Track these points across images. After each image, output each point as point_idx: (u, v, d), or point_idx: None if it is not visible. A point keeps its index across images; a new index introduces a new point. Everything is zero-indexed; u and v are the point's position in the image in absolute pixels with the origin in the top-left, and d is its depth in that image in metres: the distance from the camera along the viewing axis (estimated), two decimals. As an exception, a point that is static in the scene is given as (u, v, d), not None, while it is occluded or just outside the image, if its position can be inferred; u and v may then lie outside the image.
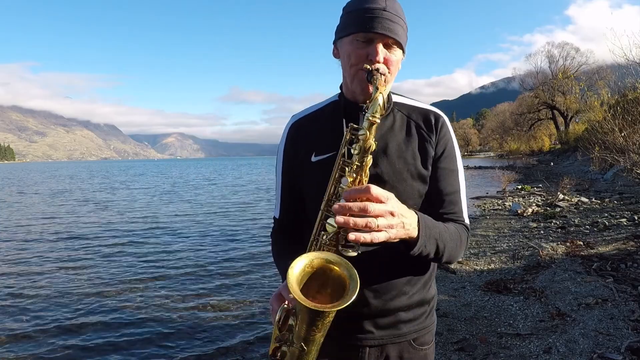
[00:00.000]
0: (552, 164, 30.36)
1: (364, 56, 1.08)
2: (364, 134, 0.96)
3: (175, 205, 16.82)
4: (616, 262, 5.17)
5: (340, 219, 0.89)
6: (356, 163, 0.96)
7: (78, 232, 10.73)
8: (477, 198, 14.34)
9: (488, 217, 10.08)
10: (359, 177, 0.97)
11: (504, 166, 30.23)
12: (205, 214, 13.95)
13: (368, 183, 0.96)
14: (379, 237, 0.90)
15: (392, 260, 1.14)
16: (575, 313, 3.84)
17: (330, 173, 1.06)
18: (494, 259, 6.12)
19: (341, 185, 0.97)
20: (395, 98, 1.22)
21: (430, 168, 1.18)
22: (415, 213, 1.01)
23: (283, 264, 1.20)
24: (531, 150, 45.39)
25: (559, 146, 40.37)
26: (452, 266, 5.78)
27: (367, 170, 0.98)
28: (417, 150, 1.17)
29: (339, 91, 1.25)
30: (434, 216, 1.15)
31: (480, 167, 33.75)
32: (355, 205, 0.89)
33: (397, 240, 0.96)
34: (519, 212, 9.88)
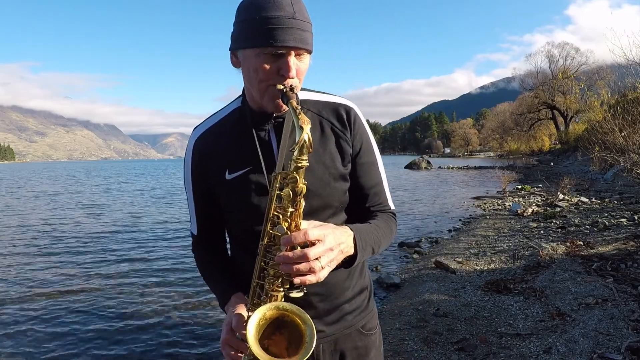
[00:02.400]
0: (552, 164, 30.38)
1: (274, 71, 1.01)
2: (294, 179, 0.93)
3: (173, 205, 16.81)
4: (616, 262, 5.16)
5: (284, 267, 0.91)
6: (289, 209, 0.94)
7: (72, 231, 10.73)
8: (477, 198, 14.35)
9: (488, 217, 10.08)
10: (293, 221, 0.95)
11: (504, 166, 30.27)
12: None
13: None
14: (323, 274, 0.93)
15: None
16: (575, 313, 3.84)
17: (247, 190, 1.09)
18: (494, 259, 6.12)
19: (276, 232, 0.95)
20: (302, 95, 1.15)
21: (349, 165, 1.17)
22: (350, 229, 1.03)
23: (214, 285, 1.23)
24: (531, 150, 45.41)
25: (559, 146, 40.39)
26: (452, 266, 5.79)
27: (301, 212, 0.95)
28: (333, 150, 1.15)
29: (241, 96, 1.19)
30: (361, 210, 1.20)
31: (480, 167, 33.76)
32: (295, 255, 0.90)
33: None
34: (519, 212, 9.88)
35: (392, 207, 1.24)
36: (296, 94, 1.00)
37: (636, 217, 7.73)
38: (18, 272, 6.92)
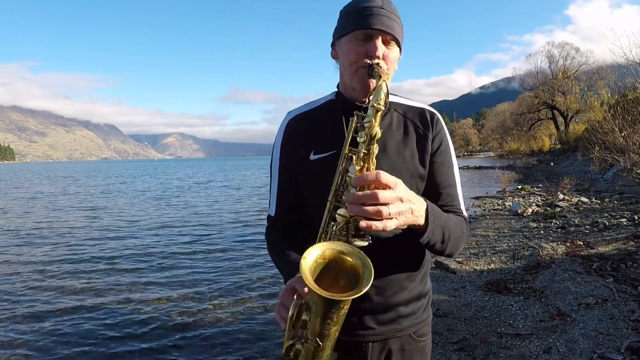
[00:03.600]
0: (552, 164, 30.36)
1: (363, 53, 1.09)
2: (369, 121, 0.95)
3: (171, 206, 16.82)
4: (616, 262, 5.16)
5: (352, 207, 0.90)
6: (363, 151, 0.96)
7: (72, 232, 10.73)
8: (477, 198, 14.34)
9: (488, 217, 10.08)
10: (366, 164, 0.96)
11: (504, 166, 30.24)
12: (201, 214, 13.96)
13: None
14: (390, 224, 0.90)
15: (392, 256, 1.16)
16: (575, 313, 3.84)
17: (329, 171, 1.06)
18: (494, 259, 6.12)
19: (349, 174, 0.95)
20: (391, 98, 1.22)
21: (427, 165, 1.20)
22: (425, 201, 1.02)
23: (283, 262, 1.20)
24: (531, 150, 45.38)
25: (559, 146, 40.37)
26: (452, 266, 5.78)
27: (374, 158, 0.97)
28: (415, 148, 1.19)
29: (336, 90, 1.26)
30: None
31: (480, 167, 33.75)
32: (365, 194, 0.89)
33: (407, 226, 0.98)
34: (519, 212, 9.88)
35: (465, 213, 1.25)
36: (383, 70, 1.04)
37: (636, 217, 7.73)
38: (13, 274, 6.92)
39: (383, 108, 0.96)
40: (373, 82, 1.07)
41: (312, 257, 0.90)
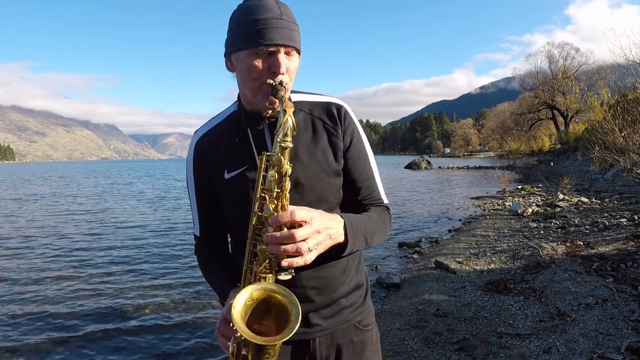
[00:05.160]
0: (552, 164, 30.37)
1: (265, 69, 1.07)
2: (278, 160, 0.96)
3: (168, 206, 16.81)
4: (616, 262, 5.17)
5: (271, 248, 0.93)
6: (275, 190, 0.97)
7: (71, 235, 10.73)
8: (477, 198, 14.35)
9: (488, 217, 10.08)
10: (280, 202, 0.98)
11: (504, 166, 30.29)
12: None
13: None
14: (310, 257, 0.95)
15: (324, 258, 1.16)
16: (575, 313, 3.84)
17: (245, 186, 1.13)
18: (494, 259, 6.12)
19: (264, 213, 0.97)
20: (294, 97, 1.20)
21: (342, 161, 1.20)
22: (341, 217, 1.06)
23: (214, 284, 1.26)
24: (531, 150, 45.40)
25: (559, 146, 40.38)
26: (452, 266, 5.78)
27: (287, 194, 0.98)
28: (326, 146, 1.19)
29: (237, 101, 1.24)
30: (355, 204, 1.22)
31: (480, 167, 33.76)
32: (282, 235, 0.92)
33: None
34: (519, 212, 9.88)
35: (386, 200, 1.27)
36: (285, 88, 1.03)
37: (636, 217, 7.73)
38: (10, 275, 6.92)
39: (290, 145, 0.96)
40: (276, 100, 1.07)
41: (241, 302, 0.93)
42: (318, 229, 0.96)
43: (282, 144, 0.95)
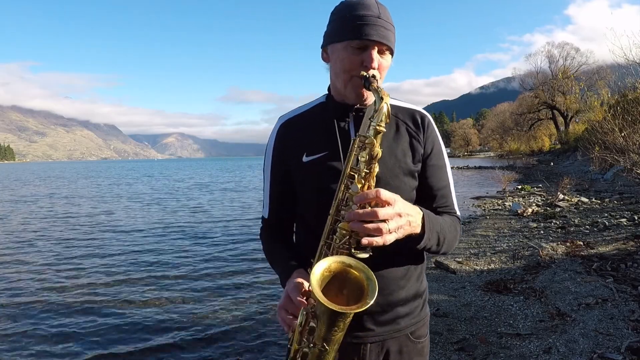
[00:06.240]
0: (552, 164, 30.35)
1: (358, 62, 1.10)
2: (371, 142, 0.99)
3: (170, 206, 16.82)
4: (616, 262, 5.16)
5: (353, 225, 0.95)
6: (364, 170, 1.00)
7: (74, 232, 10.73)
8: (477, 198, 14.34)
9: (488, 217, 10.08)
10: (367, 183, 1.00)
11: (504, 166, 30.27)
12: (200, 215, 13.95)
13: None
14: (390, 238, 0.96)
15: (388, 257, 1.17)
16: (575, 313, 3.84)
17: (322, 172, 1.16)
18: (494, 259, 6.12)
19: (350, 191, 1.00)
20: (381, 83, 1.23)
21: (419, 165, 1.23)
22: (420, 210, 1.07)
23: (277, 264, 1.25)
24: (531, 150, 45.37)
25: (559, 146, 40.36)
26: (452, 266, 5.78)
27: (374, 176, 1.01)
28: (406, 146, 1.22)
29: (326, 93, 1.27)
30: (428, 210, 1.21)
31: (480, 167, 33.75)
32: (365, 211, 0.95)
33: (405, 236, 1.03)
34: (519, 212, 9.88)
35: (458, 212, 1.29)
36: (377, 80, 1.07)
37: (636, 217, 7.73)
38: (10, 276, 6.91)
39: (384, 129, 1.00)
40: (367, 92, 1.11)
41: (319, 271, 0.95)
42: (400, 212, 0.97)
43: (377, 128, 0.98)
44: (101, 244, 9.16)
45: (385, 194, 0.95)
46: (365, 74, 1.07)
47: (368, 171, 1.00)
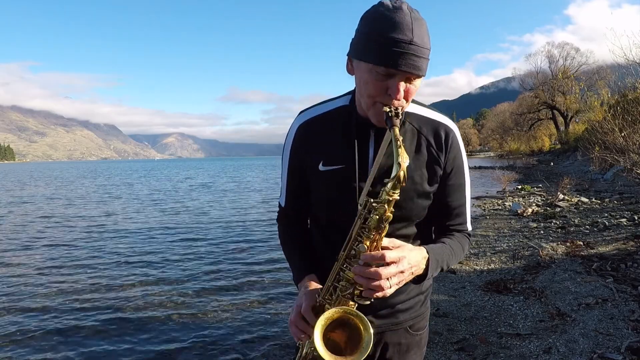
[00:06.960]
0: (552, 164, 30.34)
1: (383, 89, 1.03)
2: (382, 209, 0.99)
3: (170, 207, 16.82)
4: (616, 262, 5.17)
5: (357, 278, 1.00)
6: (373, 232, 1.01)
7: (77, 233, 10.73)
8: (477, 198, 14.34)
9: (488, 217, 10.08)
10: (375, 242, 1.02)
11: (504, 166, 30.25)
12: (201, 216, 13.95)
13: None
14: (390, 292, 1.01)
15: None
16: (575, 313, 3.84)
17: (336, 184, 1.18)
18: (494, 259, 6.13)
19: (358, 248, 1.03)
20: (408, 107, 1.17)
21: (435, 186, 1.21)
22: (427, 251, 1.09)
23: (292, 260, 1.31)
24: (531, 150, 45.36)
25: (559, 146, 40.35)
26: (452, 266, 5.78)
27: (384, 235, 1.01)
28: (424, 170, 1.18)
29: (350, 96, 1.22)
30: (440, 226, 1.26)
31: (480, 167, 33.75)
32: (370, 272, 0.98)
33: None
34: (519, 212, 9.88)
35: (470, 228, 1.31)
36: (401, 119, 1.02)
37: (636, 217, 7.73)
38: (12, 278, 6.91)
39: (398, 198, 0.97)
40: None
41: (321, 324, 1.02)
42: (403, 270, 1.00)
43: (389, 197, 0.97)
44: (101, 244, 9.16)
45: (390, 255, 0.98)
46: (388, 110, 1.00)
47: (377, 233, 1.01)
